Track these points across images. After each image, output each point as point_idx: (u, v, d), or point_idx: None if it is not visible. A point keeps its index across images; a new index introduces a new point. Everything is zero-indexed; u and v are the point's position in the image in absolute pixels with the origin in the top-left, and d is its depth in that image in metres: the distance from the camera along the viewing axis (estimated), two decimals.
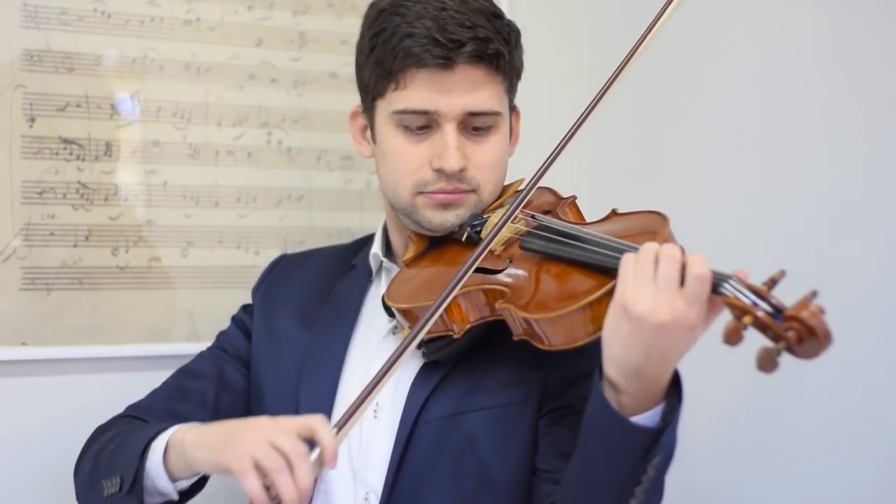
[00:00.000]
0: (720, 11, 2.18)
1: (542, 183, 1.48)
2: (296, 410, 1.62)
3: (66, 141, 1.99)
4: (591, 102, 1.47)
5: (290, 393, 1.65)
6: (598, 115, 1.48)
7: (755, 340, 1.24)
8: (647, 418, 1.30)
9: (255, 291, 1.83)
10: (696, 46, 2.22)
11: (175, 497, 1.50)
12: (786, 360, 1.21)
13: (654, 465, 1.29)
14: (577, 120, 1.47)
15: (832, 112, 1.94)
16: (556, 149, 1.46)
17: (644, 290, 1.24)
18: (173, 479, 1.47)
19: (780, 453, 2.01)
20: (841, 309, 1.24)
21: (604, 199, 1.66)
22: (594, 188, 2.35)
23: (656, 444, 1.28)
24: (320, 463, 1.28)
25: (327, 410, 1.61)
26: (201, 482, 1.54)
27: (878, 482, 1.86)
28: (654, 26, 1.48)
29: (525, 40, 1.65)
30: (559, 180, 1.64)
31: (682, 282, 1.24)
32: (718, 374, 2.02)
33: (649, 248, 1.27)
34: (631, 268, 1.27)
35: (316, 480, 1.55)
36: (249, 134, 2.15)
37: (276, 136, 2.18)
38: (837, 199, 1.93)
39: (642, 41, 1.48)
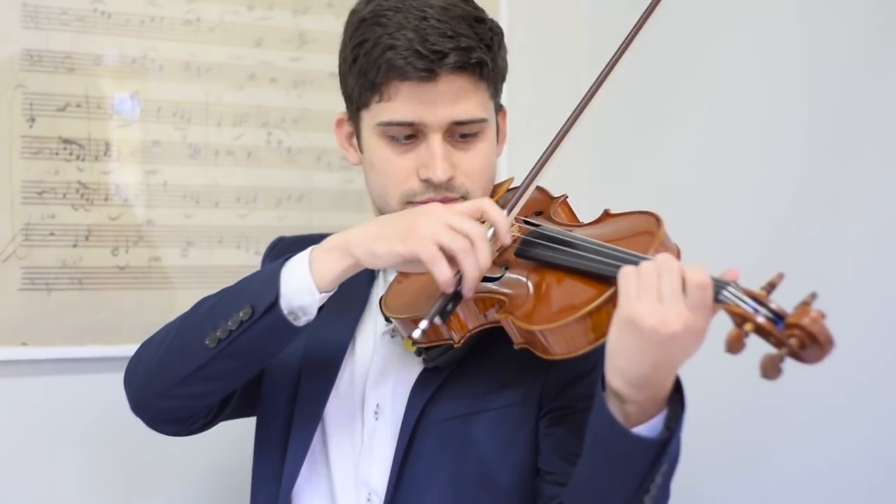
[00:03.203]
0: (716, 8, 2.18)
1: (535, 182, 1.48)
2: (294, 395, 1.62)
3: (66, 141, 1.99)
4: (573, 114, 1.48)
5: (290, 376, 1.63)
6: (595, 115, 1.48)
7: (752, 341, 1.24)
8: (652, 427, 1.29)
9: (262, 264, 1.80)
10: (692, 44, 2.22)
11: (313, 315, 1.46)
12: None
13: (662, 473, 1.29)
14: (560, 130, 1.49)
15: (831, 109, 1.94)
16: (545, 154, 1.48)
17: (650, 303, 1.23)
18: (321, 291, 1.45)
19: (777, 453, 2.00)
20: (837, 309, 1.24)
21: (602, 198, 1.66)
22: (592, 187, 2.35)
23: (664, 454, 1.28)
24: (495, 241, 1.34)
25: (324, 398, 1.61)
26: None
27: (876, 482, 1.85)
28: (632, 38, 1.49)
29: (524, 39, 1.65)
30: (558, 180, 1.64)
31: (684, 290, 1.24)
32: (714, 375, 2.02)
33: (649, 262, 1.26)
34: (633, 281, 1.26)
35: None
36: (249, 134, 2.15)
37: (276, 136, 2.18)
38: (835, 197, 1.92)
39: (621, 54, 1.48)
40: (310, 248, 1.47)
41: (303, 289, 1.44)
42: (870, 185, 1.87)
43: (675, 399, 1.31)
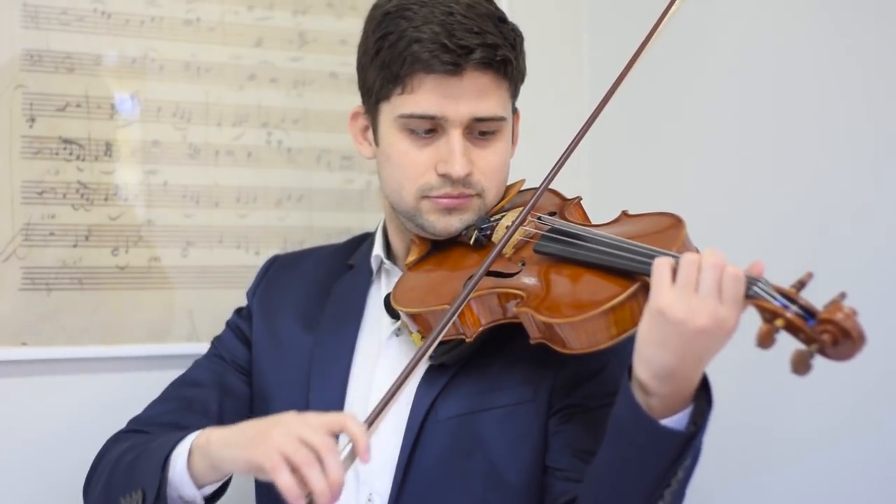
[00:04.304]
0: (720, 9, 2.18)
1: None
2: None
3: (66, 141, 1.98)
4: (594, 111, 1.49)
5: (298, 399, 1.64)
6: (599, 116, 1.49)
7: (742, 340, 1.25)
8: (676, 421, 1.30)
9: (252, 294, 1.81)
10: (696, 44, 2.22)
11: None
12: (778, 359, 1.22)
13: (685, 468, 1.31)
14: (583, 126, 1.49)
15: (835, 109, 1.95)
16: (563, 155, 1.48)
17: (684, 297, 1.25)
18: (199, 485, 1.46)
19: (780, 452, 2.01)
20: None
21: (605, 199, 1.67)
22: (595, 188, 2.35)
23: (688, 448, 1.29)
24: (353, 456, 1.29)
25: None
26: (224, 487, 1.54)
27: (877, 491, 1.86)
28: (651, 36, 1.49)
29: (525, 41, 1.65)
30: (559, 181, 1.64)
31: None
32: (717, 383, 2.01)
33: (691, 255, 1.27)
34: (666, 273, 1.27)
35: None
36: (249, 134, 2.15)
37: (276, 136, 2.18)
38: (841, 197, 1.93)
39: (641, 51, 1.49)
40: (195, 434, 1.48)
41: (184, 481, 1.46)
42: (876, 187, 1.88)
43: (702, 396, 1.32)
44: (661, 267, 1.27)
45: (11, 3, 1.94)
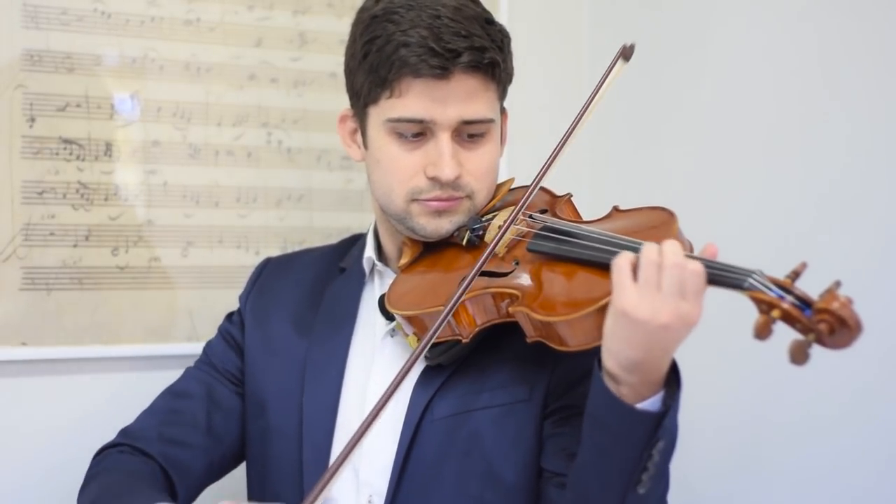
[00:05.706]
0: (717, 8, 2.18)
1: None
2: (300, 420, 1.63)
3: (66, 141, 1.99)
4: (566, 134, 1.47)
5: (293, 403, 1.65)
6: (597, 114, 1.49)
7: (739, 332, 1.25)
8: (648, 405, 1.32)
9: (245, 299, 1.81)
10: (694, 43, 2.22)
11: None
12: (774, 359, 1.22)
13: (659, 450, 1.31)
14: (553, 151, 1.47)
15: (828, 103, 1.95)
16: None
17: (647, 296, 1.26)
18: None
19: (777, 453, 2.01)
20: None
21: (604, 197, 1.66)
22: (593, 186, 2.35)
23: (660, 428, 1.30)
24: None
25: (331, 418, 1.61)
26: None
27: (874, 480, 1.86)
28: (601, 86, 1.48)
29: (525, 41, 1.65)
30: (559, 180, 1.64)
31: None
32: (715, 376, 2.02)
33: (650, 252, 1.28)
34: (627, 272, 1.28)
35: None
36: (249, 134, 2.15)
37: (276, 136, 2.18)
38: (836, 194, 1.93)
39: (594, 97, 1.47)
40: None
41: None
42: (870, 185, 1.88)
43: (672, 380, 1.33)
44: (620, 266, 1.29)
45: (11, 3, 1.95)
